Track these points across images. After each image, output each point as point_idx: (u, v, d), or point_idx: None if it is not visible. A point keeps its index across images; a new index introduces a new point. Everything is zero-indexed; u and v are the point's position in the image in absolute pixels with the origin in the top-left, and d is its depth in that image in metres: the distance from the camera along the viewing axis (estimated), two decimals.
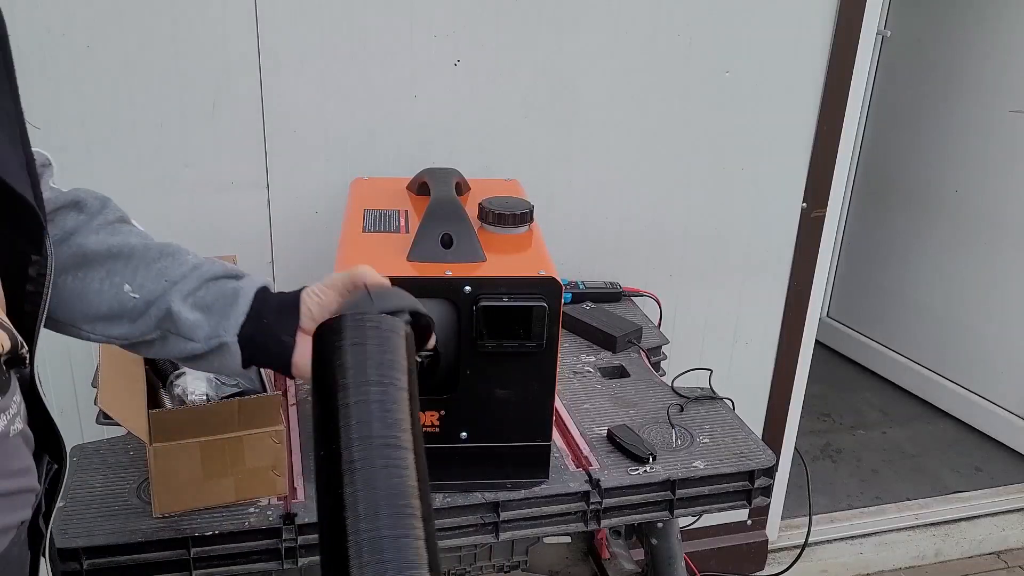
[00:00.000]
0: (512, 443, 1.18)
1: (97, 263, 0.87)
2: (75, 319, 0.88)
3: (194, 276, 0.89)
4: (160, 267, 0.88)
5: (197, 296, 0.88)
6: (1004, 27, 2.83)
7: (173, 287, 0.88)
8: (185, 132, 1.60)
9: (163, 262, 0.89)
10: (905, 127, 3.20)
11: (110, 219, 0.90)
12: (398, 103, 1.69)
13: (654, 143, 1.88)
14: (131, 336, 0.89)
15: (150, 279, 0.88)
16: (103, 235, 0.88)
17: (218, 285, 0.90)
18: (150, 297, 0.87)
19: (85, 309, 0.87)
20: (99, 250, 0.87)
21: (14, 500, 0.70)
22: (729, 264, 2.04)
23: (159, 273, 0.88)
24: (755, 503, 1.30)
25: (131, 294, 0.87)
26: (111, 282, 0.87)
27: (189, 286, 0.88)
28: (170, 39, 1.53)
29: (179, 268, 0.89)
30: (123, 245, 0.88)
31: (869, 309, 3.46)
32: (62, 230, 0.86)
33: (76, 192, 0.88)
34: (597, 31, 1.75)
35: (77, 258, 0.87)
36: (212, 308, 0.88)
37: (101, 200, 0.90)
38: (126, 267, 0.87)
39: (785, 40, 1.87)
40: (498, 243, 1.21)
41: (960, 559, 2.57)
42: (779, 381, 2.23)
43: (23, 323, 0.72)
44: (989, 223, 2.97)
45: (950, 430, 3.13)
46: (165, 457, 1.09)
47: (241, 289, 0.89)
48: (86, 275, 0.87)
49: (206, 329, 0.88)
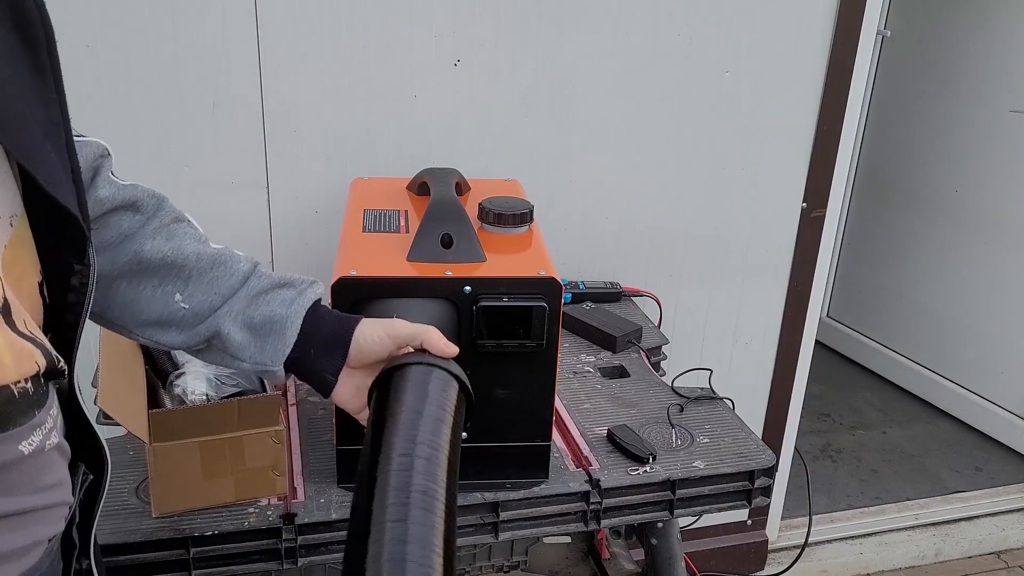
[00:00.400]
0: (512, 443, 1.18)
1: (151, 271, 0.89)
2: (127, 323, 0.90)
3: (244, 292, 0.90)
4: (212, 277, 0.90)
5: (246, 315, 0.90)
6: (1004, 27, 2.83)
7: (223, 304, 0.89)
8: (185, 132, 1.60)
9: (215, 271, 0.90)
10: (905, 127, 3.20)
11: (165, 221, 0.91)
12: (398, 103, 1.69)
13: (654, 143, 1.88)
14: (180, 343, 0.91)
15: (200, 289, 0.90)
16: (159, 241, 0.89)
17: (268, 303, 0.90)
18: (199, 309, 0.89)
19: (137, 315, 0.89)
20: (153, 258, 0.88)
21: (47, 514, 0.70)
22: (729, 264, 2.04)
23: (210, 284, 0.90)
24: (755, 503, 1.30)
25: (181, 304, 0.89)
26: (163, 291, 0.89)
27: (239, 305, 0.90)
28: (170, 39, 1.53)
29: (229, 280, 0.90)
30: (176, 254, 0.89)
31: (869, 309, 3.46)
32: (117, 232, 0.88)
33: (134, 190, 0.89)
34: (597, 31, 1.75)
35: (132, 264, 0.88)
36: (260, 331, 0.89)
37: (158, 200, 0.92)
38: (178, 277, 0.89)
39: (785, 40, 1.87)
40: (498, 243, 1.21)
41: (960, 559, 2.57)
42: (779, 381, 2.23)
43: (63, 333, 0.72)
44: (989, 223, 2.97)
45: (950, 430, 3.13)
46: (165, 457, 1.09)
47: (289, 317, 0.90)
48: (140, 282, 0.89)
49: (253, 352, 0.90)
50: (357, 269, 1.09)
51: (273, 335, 0.89)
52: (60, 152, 0.70)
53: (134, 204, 0.89)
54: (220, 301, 0.90)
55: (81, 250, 0.71)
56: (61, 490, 0.72)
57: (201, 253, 0.91)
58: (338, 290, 1.07)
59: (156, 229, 0.90)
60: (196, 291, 0.89)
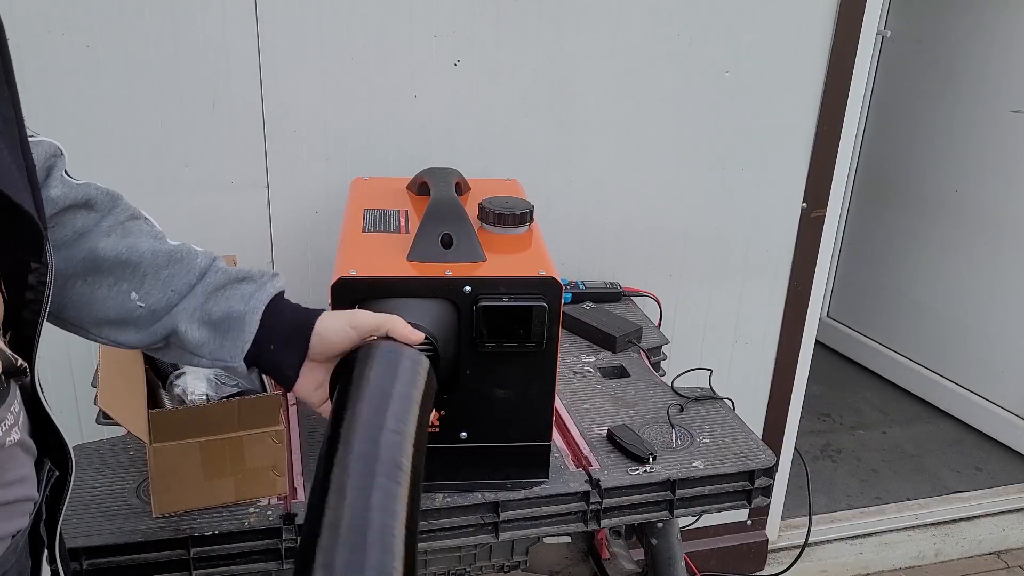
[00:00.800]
0: (512, 443, 1.18)
1: (106, 270, 0.87)
2: (83, 322, 0.89)
3: (200, 289, 0.89)
4: (168, 275, 0.89)
5: (204, 311, 0.89)
6: (1004, 27, 2.83)
7: (180, 301, 0.88)
8: (185, 132, 1.60)
9: (171, 268, 0.89)
10: (905, 127, 3.20)
11: (120, 219, 0.90)
12: (398, 103, 1.69)
13: (654, 143, 1.88)
14: (137, 343, 0.90)
15: (157, 287, 0.88)
16: (113, 238, 0.88)
17: (227, 299, 0.89)
18: (156, 307, 0.88)
19: (93, 314, 0.88)
20: (108, 256, 0.87)
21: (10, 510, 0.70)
22: (729, 264, 2.04)
23: (166, 282, 0.88)
24: (755, 503, 1.30)
25: (137, 303, 0.88)
26: (118, 289, 0.87)
27: (196, 302, 0.89)
28: (170, 39, 1.53)
29: (186, 276, 0.89)
30: (131, 251, 0.88)
31: (869, 309, 3.46)
32: (72, 230, 0.86)
33: (87, 188, 0.88)
34: (597, 31, 1.75)
35: (87, 263, 0.87)
36: (219, 328, 0.89)
37: (112, 198, 0.90)
38: (134, 275, 0.88)
39: (785, 40, 1.87)
40: (498, 243, 1.21)
41: (960, 559, 2.57)
42: (779, 381, 2.23)
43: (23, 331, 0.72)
44: (989, 223, 2.97)
45: (950, 430, 3.13)
46: (165, 457, 1.09)
47: (247, 313, 0.89)
48: (95, 281, 0.87)
49: (212, 349, 0.89)
50: (357, 269, 1.09)
51: (232, 331, 0.89)
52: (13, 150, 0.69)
53: (88, 202, 0.88)
54: (177, 299, 0.88)
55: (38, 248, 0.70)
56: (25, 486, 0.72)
57: (157, 250, 0.89)
58: (338, 290, 1.07)
59: (111, 227, 0.88)
60: (152, 289, 0.88)
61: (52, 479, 0.78)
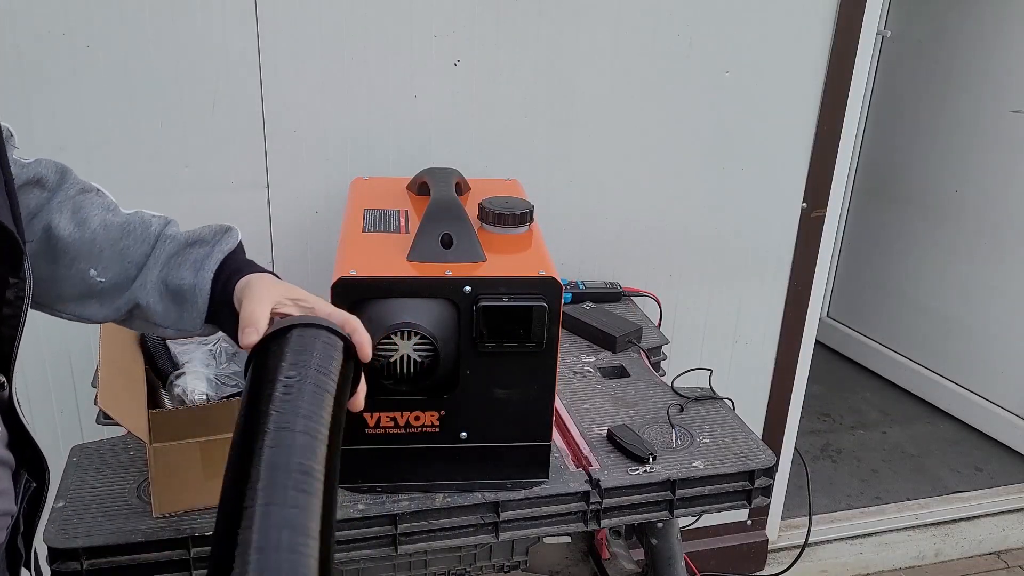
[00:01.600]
0: (512, 443, 1.18)
1: (61, 249, 0.87)
2: (49, 300, 0.89)
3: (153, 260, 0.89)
4: (123, 247, 0.89)
5: (162, 282, 0.89)
6: (1004, 27, 2.83)
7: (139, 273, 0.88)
8: (185, 132, 1.60)
9: (125, 241, 0.89)
10: (905, 127, 3.20)
11: (70, 194, 0.89)
12: (398, 103, 1.69)
13: (654, 143, 1.88)
14: (103, 317, 0.90)
15: (114, 261, 0.88)
16: (66, 215, 0.88)
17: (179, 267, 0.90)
18: (116, 279, 0.88)
19: (57, 291, 0.88)
20: (61, 235, 0.87)
21: None
22: (729, 264, 2.04)
23: (121, 255, 0.89)
24: (755, 503, 1.30)
25: (97, 279, 0.88)
26: (76, 268, 0.87)
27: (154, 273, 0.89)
28: (170, 39, 1.53)
29: (140, 247, 0.89)
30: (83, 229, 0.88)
31: (869, 309, 3.46)
32: (26, 209, 0.86)
33: (37, 167, 0.87)
34: (597, 31, 1.75)
35: (43, 243, 0.87)
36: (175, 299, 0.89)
37: (60, 172, 0.90)
38: (90, 252, 0.88)
39: (785, 40, 1.87)
40: (498, 243, 1.21)
41: (960, 559, 2.57)
42: (779, 381, 2.23)
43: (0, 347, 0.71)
44: (989, 223, 2.97)
45: (950, 430, 3.13)
46: (165, 457, 1.09)
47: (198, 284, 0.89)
48: (54, 260, 0.87)
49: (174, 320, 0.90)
50: (357, 269, 1.09)
51: (187, 303, 0.89)
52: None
53: (39, 180, 0.88)
54: (135, 270, 0.89)
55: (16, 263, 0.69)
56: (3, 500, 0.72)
57: (109, 223, 0.89)
58: (338, 290, 1.07)
59: (61, 203, 0.88)
60: (110, 264, 0.88)
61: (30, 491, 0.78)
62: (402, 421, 1.15)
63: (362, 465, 1.16)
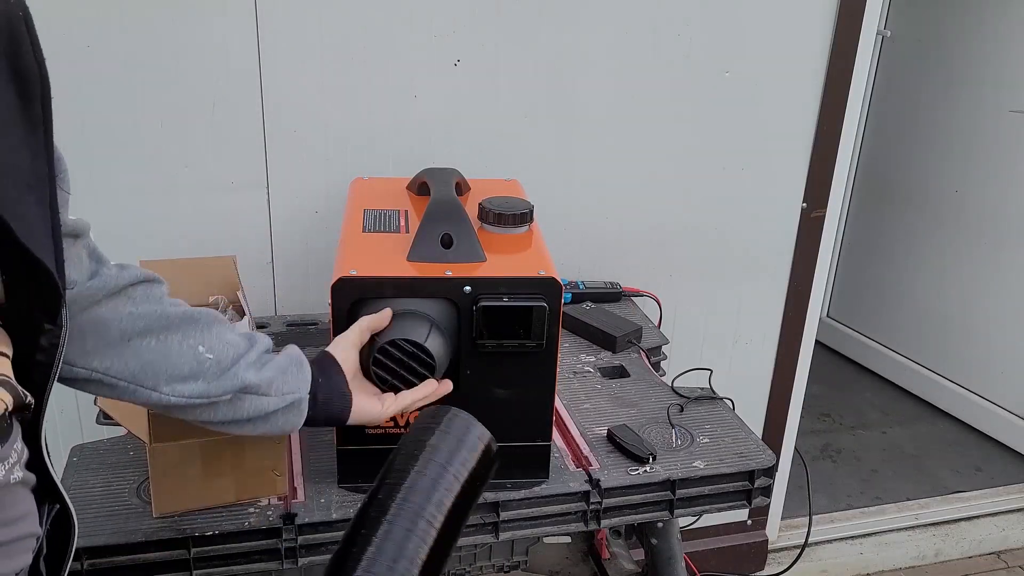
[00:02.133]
0: (512, 443, 1.18)
1: (174, 326, 0.91)
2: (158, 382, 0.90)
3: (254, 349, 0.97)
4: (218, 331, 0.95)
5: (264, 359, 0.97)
6: (1004, 27, 2.83)
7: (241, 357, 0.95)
8: (185, 132, 1.60)
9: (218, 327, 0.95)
10: (905, 127, 3.20)
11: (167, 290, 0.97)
12: (398, 103, 1.69)
13: (654, 143, 1.88)
14: (206, 394, 0.92)
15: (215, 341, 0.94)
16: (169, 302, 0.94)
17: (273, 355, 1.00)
18: (221, 358, 0.93)
19: (170, 370, 0.90)
20: (175, 313, 0.92)
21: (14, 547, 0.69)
22: (729, 264, 2.04)
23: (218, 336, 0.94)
24: (755, 503, 1.30)
25: (206, 355, 0.92)
26: (188, 344, 0.92)
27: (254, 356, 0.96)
28: (170, 39, 1.53)
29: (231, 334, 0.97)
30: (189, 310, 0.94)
31: (869, 309, 3.46)
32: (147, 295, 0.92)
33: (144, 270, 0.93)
34: (597, 31, 1.75)
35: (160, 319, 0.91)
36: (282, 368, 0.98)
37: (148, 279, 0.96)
38: (196, 329, 0.93)
39: (785, 40, 1.87)
40: (498, 243, 1.21)
41: (960, 559, 2.57)
42: (779, 381, 2.23)
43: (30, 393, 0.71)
44: (989, 223, 2.97)
45: (950, 430, 3.13)
46: (165, 457, 1.09)
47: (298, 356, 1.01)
48: (167, 337, 0.91)
49: (280, 384, 0.96)
50: (357, 269, 1.09)
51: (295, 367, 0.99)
52: (42, 205, 0.69)
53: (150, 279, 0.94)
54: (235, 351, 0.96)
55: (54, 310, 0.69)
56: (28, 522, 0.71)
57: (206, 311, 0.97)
58: (338, 290, 1.07)
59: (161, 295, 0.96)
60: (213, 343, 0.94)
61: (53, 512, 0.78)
62: (402, 421, 1.15)
63: (362, 465, 1.17)
